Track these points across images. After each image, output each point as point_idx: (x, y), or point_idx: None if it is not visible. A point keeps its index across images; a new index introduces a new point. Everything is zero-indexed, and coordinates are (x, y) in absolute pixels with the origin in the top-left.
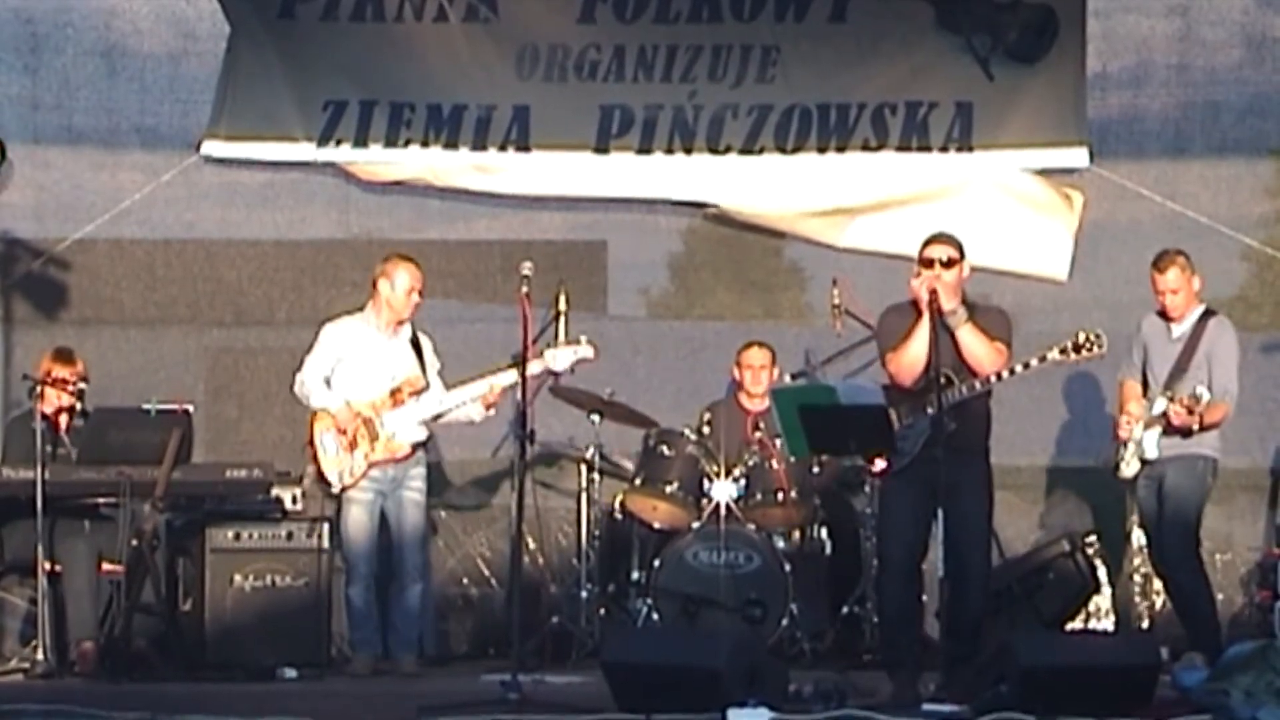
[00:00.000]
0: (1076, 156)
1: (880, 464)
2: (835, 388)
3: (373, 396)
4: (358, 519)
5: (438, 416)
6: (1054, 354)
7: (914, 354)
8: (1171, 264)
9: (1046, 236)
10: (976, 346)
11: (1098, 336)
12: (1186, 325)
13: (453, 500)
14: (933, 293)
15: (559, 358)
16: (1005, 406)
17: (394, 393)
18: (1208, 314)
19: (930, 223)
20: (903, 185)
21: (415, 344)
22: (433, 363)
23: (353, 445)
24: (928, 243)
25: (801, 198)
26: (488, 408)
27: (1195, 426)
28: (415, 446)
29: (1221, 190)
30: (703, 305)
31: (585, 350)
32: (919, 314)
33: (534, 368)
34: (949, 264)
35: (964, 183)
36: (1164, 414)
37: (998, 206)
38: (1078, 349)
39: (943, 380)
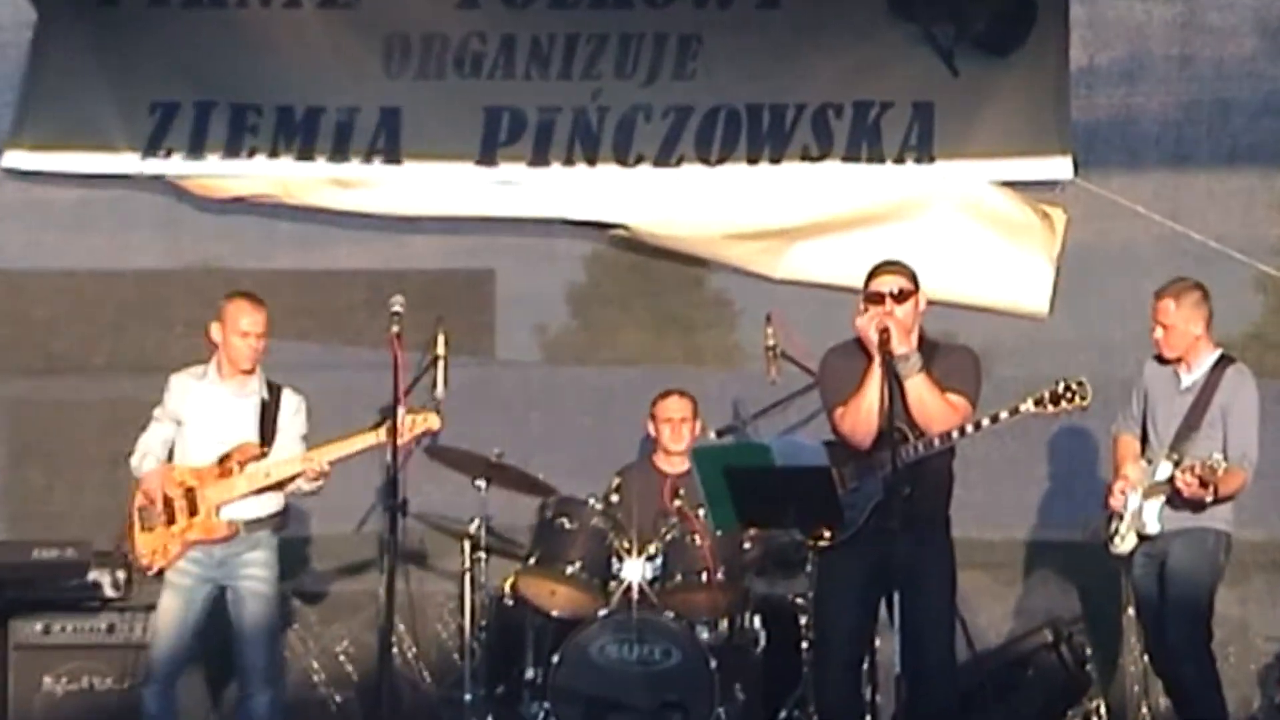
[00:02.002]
0: (1058, 167)
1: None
2: (769, 446)
3: (201, 464)
4: (168, 608)
5: (277, 487)
6: (1027, 405)
7: (869, 409)
8: (1166, 295)
9: (1023, 263)
10: (927, 402)
11: (1081, 385)
12: (1199, 373)
13: (309, 585)
14: (883, 332)
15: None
16: (976, 468)
17: (222, 460)
18: (1224, 360)
19: (882, 247)
20: (850, 203)
21: (271, 401)
22: (294, 426)
23: (170, 520)
24: (876, 272)
25: (729, 218)
26: (315, 477)
27: (1208, 499)
28: (246, 526)
29: (1233, 207)
30: (610, 347)
31: (429, 421)
32: (868, 358)
33: (359, 443)
34: (902, 297)
35: (923, 199)
36: (1169, 481)
37: (964, 228)
38: (1057, 400)
39: (896, 436)
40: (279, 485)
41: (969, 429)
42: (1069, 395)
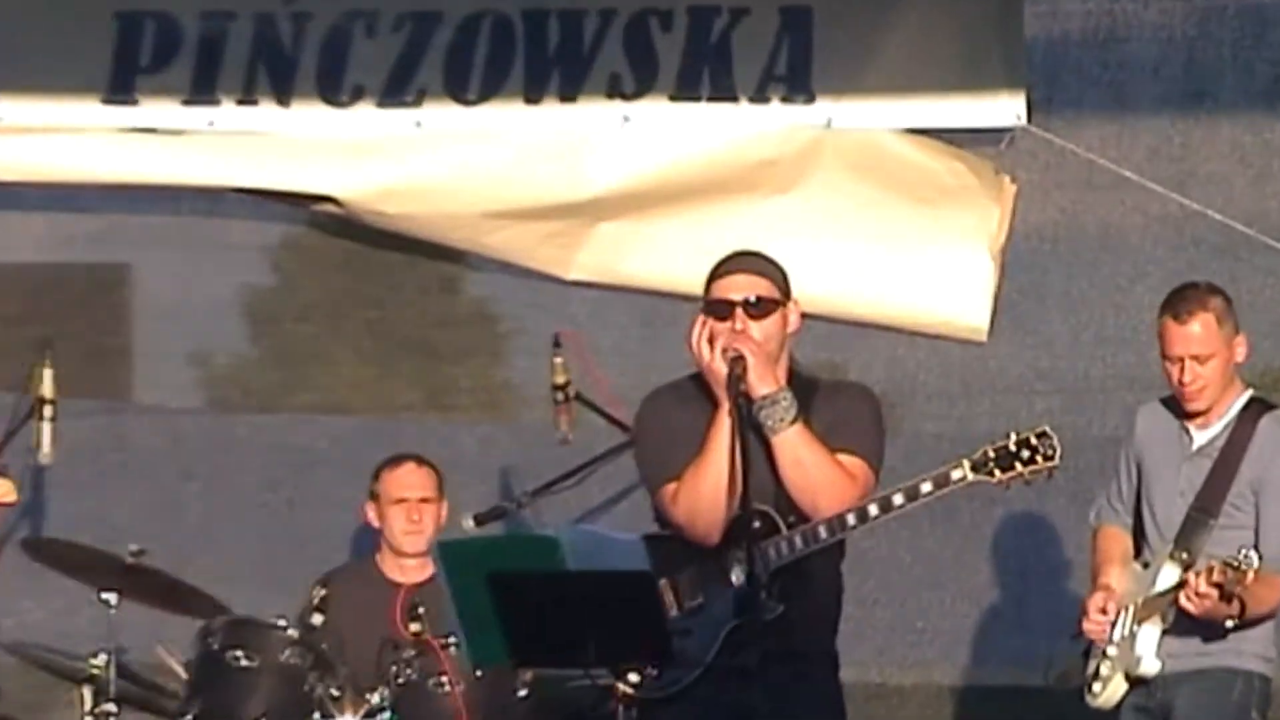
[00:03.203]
0: (1004, 110)
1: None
2: (558, 540)
3: None
4: None
5: None
6: (963, 473)
7: (716, 482)
8: (1199, 309)
9: (949, 256)
10: (808, 468)
11: (1045, 437)
12: (1218, 427)
13: None
14: (735, 362)
15: None
16: (880, 575)
17: None
18: (1255, 406)
19: (733, 232)
20: (683, 164)
21: None
22: None
23: None
24: (724, 269)
25: (495, 186)
26: None
27: (1231, 621)
28: None
29: (1269, 170)
30: (309, 386)
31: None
32: (713, 403)
33: None
34: (763, 309)
35: (797, 159)
36: (1174, 594)
37: (858, 202)
38: (1008, 462)
39: (757, 524)
40: None
41: (872, 511)
42: (1028, 455)
